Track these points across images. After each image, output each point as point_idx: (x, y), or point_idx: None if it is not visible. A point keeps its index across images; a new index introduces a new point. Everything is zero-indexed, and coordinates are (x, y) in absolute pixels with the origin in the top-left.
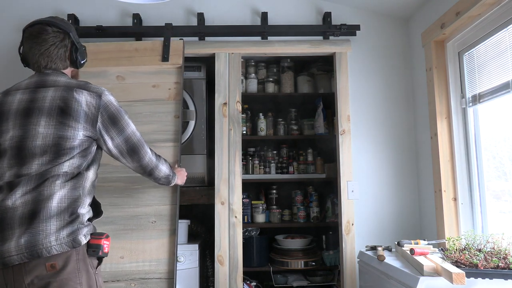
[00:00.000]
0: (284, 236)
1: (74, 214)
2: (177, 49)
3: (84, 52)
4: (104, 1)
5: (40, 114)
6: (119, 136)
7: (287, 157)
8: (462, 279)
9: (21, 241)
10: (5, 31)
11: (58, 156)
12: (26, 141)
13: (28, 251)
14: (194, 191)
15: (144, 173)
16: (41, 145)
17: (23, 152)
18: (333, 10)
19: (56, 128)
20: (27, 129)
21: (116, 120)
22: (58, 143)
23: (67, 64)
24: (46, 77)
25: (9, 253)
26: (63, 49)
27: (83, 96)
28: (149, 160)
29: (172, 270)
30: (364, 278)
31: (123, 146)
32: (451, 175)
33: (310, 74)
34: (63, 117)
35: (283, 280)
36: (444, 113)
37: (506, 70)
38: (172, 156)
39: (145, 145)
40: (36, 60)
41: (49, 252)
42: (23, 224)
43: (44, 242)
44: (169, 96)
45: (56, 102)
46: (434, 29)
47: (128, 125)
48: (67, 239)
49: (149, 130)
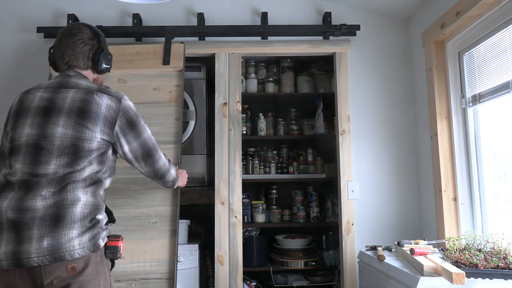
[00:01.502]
0: (284, 236)
1: (94, 219)
2: (178, 52)
3: (109, 58)
4: (104, 1)
5: (59, 114)
6: (135, 140)
7: (287, 157)
8: (462, 279)
9: (44, 244)
10: (5, 31)
11: (76, 158)
12: (44, 140)
13: (51, 254)
14: (194, 191)
15: (156, 177)
16: (59, 145)
17: (40, 151)
18: (333, 10)
19: (74, 129)
20: (45, 128)
21: (134, 124)
22: (76, 144)
23: (89, 64)
24: (68, 79)
25: (28, 254)
26: (89, 47)
27: (104, 99)
28: (163, 164)
29: (173, 270)
30: (364, 278)
31: (138, 151)
32: (451, 175)
33: (310, 74)
34: (82, 118)
35: (283, 280)
36: (444, 113)
37: (506, 70)
38: (173, 157)
39: (159, 150)
40: (62, 54)
41: (72, 256)
42: (45, 227)
43: (67, 246)
44: (170, 99)
45: (76, 103)
46: (434, 29)
47: (145, 130)
48: (89, 244)
49: (151, 132)
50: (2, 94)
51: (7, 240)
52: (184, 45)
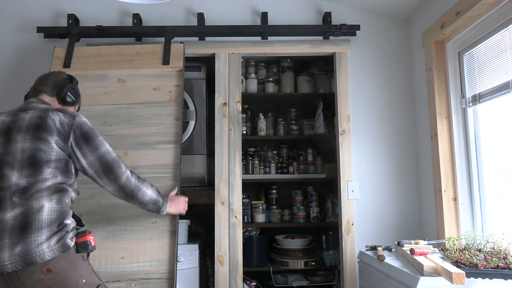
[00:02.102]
0: (284, 236)
1: (62, 224)
2: (178, 52)
3: (75, 93)
4: (104, 1)
5: (18, 132)
6: (92, 154)
7: (287, 157)
8: (462, 279)
9: (15, 251)
10: (5, 31)
11: (36, 169)
12: (7, 156)
13: (21, 259)
14: (194, 191)
15: (126, 196)
16: (19, 158)
17: (4, 166)
18: (333, 10)
19: (32, 142)
20: (7, 146)
21: (89, 138)
22: (34, 155)
23: (53, 92)
24: (28, 104)
25: (2, 262)
26: (57, 81)
27: (58, 116)
28: (127, 180)
29: (173, 270)
30: (364, 278)
31: (97, 165)
32: (451, 175)
33: (310, 74)
34: (39, 131)
35: (283, 280)
36: (444, 113)
37: (506, 70)
38: (173, 157)
39: (122, 165)
40: (34, 85)
41: (42, 259)
42: (15, 235)
43: (36, 250)
44: (170, 99)
45: (33, 120)
46: (434, 29)
47: (102, 144)
48: (57, 245)
49: (150, 132)
50: (2, 94)
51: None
52: (184, 45)
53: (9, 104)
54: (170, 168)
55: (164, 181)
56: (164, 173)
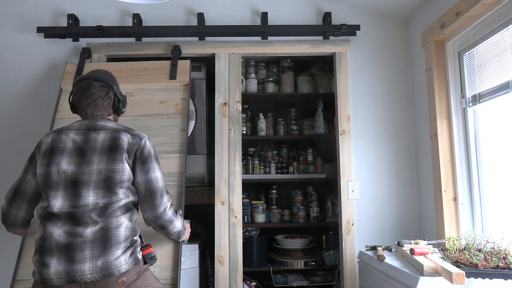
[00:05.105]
0: (284, 236)
1: (132, 240)
2: (185, 67)
3: (125, 101)
4: (104, 1)
5: (93, 153)
6: (141, 175)
7: (287, 157)
8: (462, 279)
9: (97, 263)
10: (5, 31)
11: (111, 189)
12: (82, 175)
13: (102, 271)
14: (194, 191)
15: (157, 226)
16: (96, 179)
17: (79, 185)
18: (333, 10)
19: (107, 163)
20: (82, 166)
21: (145, 161)
22: (110, 176)
23: (110, 112)
24: (95, 122)
25: (81, 272)
26: (108, 101)
27: (126, 137)
28: (163, 212)
29: (176, 276)
30: (364, 278)
31: (142, 187)
32: (451, 175)
33: (310, 74)
34: (113, 152)
35: (283, 280)
36: (444, 113)
37: (506, 70)
38: (178, 166)
39: (165, 197)
40: (84, 109)
41: (119, 271)
42: (97, 248)
43: (115, 263)
44: (176, 111)
45: (107, 142)
46: (434, 29)
47: (154, 170)
48: (131, 258)
49: (157, 142)
50: (2, 94)
51: (58, 261)
52: (190, 61)
53: (9, 104)
54: (175, 176)
55: (169, 188)
56: (169, 181)
